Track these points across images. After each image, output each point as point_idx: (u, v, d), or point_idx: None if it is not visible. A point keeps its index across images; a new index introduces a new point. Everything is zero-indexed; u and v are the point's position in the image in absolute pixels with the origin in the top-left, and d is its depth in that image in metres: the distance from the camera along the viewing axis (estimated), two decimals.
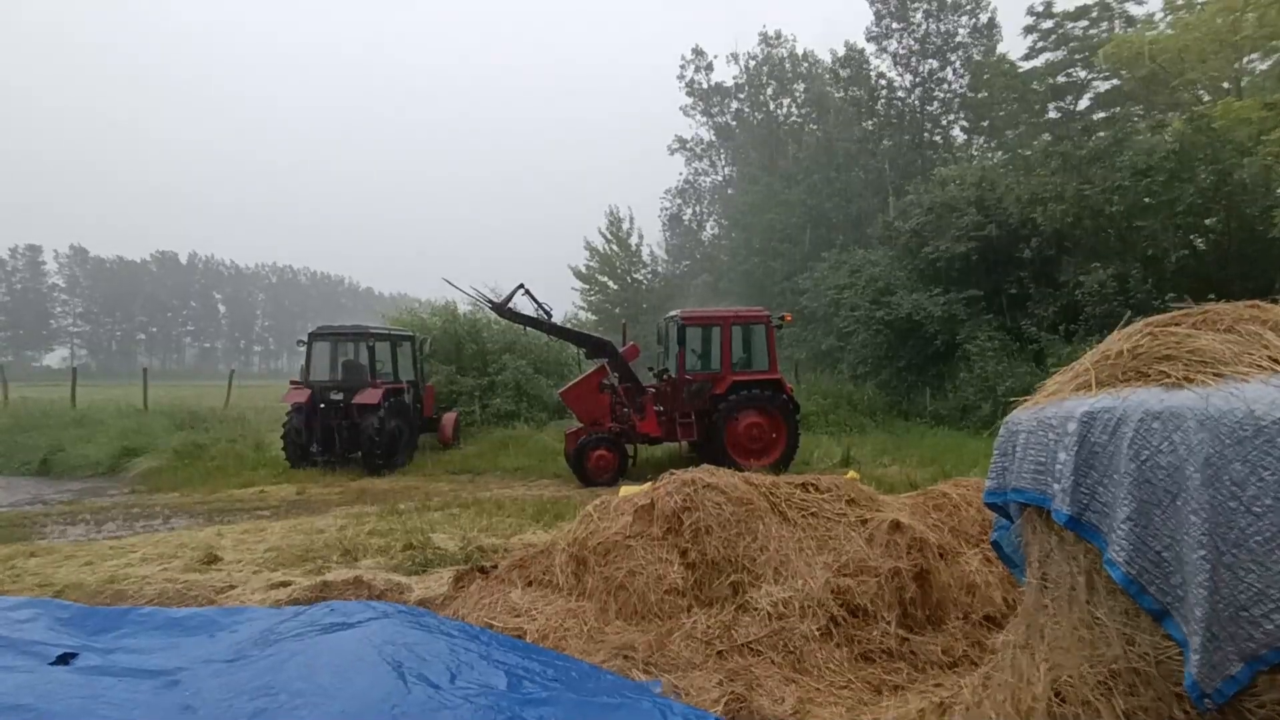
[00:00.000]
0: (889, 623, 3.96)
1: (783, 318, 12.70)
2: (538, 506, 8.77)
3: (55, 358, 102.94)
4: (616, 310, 35.36)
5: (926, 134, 32.14)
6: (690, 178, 45.71)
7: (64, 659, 2.72)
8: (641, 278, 38.31)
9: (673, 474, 4.99)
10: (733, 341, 11.90)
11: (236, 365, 50.73)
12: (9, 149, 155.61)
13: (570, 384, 12.22)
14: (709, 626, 4.02)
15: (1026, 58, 28.56)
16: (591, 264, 37.60)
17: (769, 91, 41.33)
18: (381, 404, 12.30)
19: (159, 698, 2.35)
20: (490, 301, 12.27)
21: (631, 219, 37.89)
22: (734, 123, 42.94)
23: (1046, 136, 26.26)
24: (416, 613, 3.24)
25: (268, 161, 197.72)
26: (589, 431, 11.25)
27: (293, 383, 13.26)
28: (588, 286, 37.71)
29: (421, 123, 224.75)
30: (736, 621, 3.99)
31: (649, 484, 5.25)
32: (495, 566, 5.27)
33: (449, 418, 15.00)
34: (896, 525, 4.36)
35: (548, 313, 12.42)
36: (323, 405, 12.61)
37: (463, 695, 2.35)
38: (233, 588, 5.64)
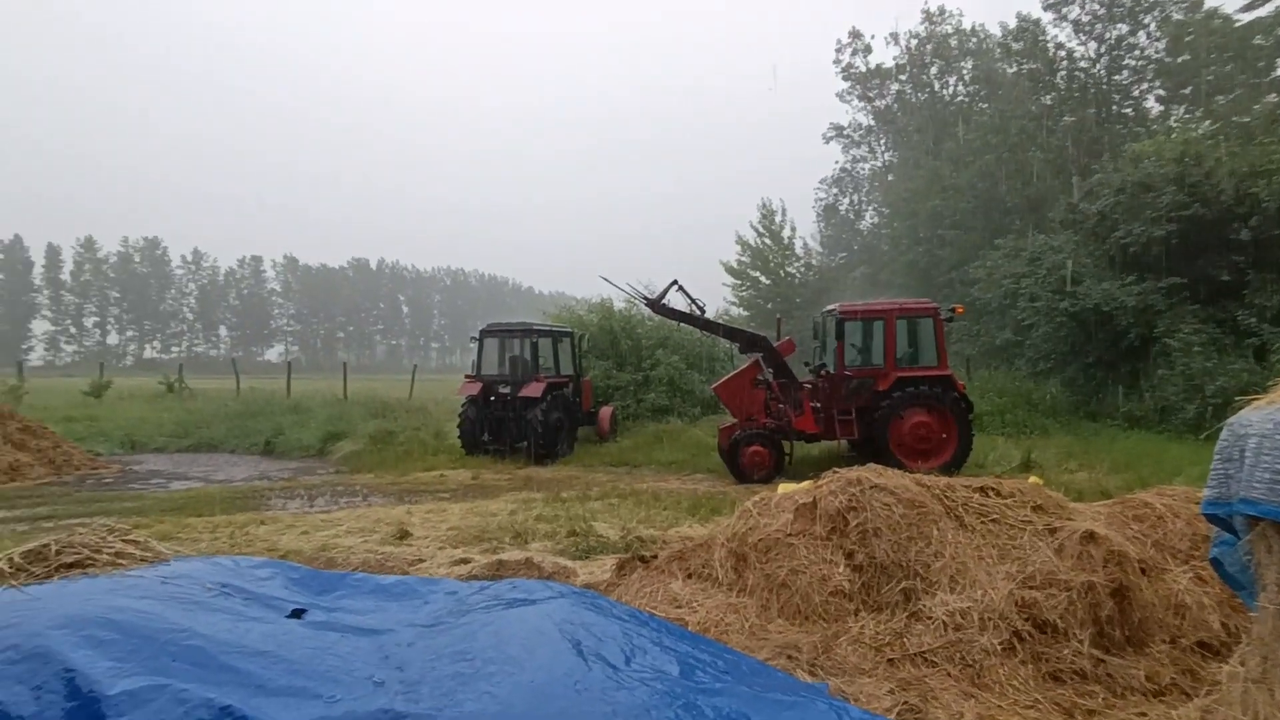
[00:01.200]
0: (1082, 641, 3.64)
1: (953, 310, 11.93)
2: (693, 500, 8.89)
3: (274, 353, 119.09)
4: (769, 305, 34.87)
5: (1115, 107, 28.79)
6: (847, 165, 44.12)
7: (296, 614, 3.11)
8: (794, 271, 37.49)
9: (836, 473, 4.86)
10: (897, 336, 11.37)
11: (418, 360, 55.57)
12: (239, 188, 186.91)
13: (724, 379, 12.22)
14: (878, 632, 3.88)
15: (1248, 8, 24.67)
16: (743, 259, 37.31)
17: (933, 71, 38.89)
18: (544, 397, 12.99)
19: (375, 654, 2.67)
20: (645, 298, 12.56)
21: (784, 211, 37.23)
22: (895, 105, 40.81)
23: (1272, 98, 22.57)
24: (589, 595, 3.41)
25: (441, 191, 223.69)
26: (742, 427, 11.19)
27: (466, 376, 14.35)
28: (739, 282, 37.45)
29: (570, 148, 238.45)
30: (908, 629, 3.82)
31: (809, 482, 5.15)
32: (655, 557, 5.38)
33: (605, 411, 15.54)
34: (1090, 536, 3.99)
35: (700, 308, 12.51)
36: (492, 398, 13.53)
37: (639, 678, 2.45)
38: (422, 561, 6.25)
